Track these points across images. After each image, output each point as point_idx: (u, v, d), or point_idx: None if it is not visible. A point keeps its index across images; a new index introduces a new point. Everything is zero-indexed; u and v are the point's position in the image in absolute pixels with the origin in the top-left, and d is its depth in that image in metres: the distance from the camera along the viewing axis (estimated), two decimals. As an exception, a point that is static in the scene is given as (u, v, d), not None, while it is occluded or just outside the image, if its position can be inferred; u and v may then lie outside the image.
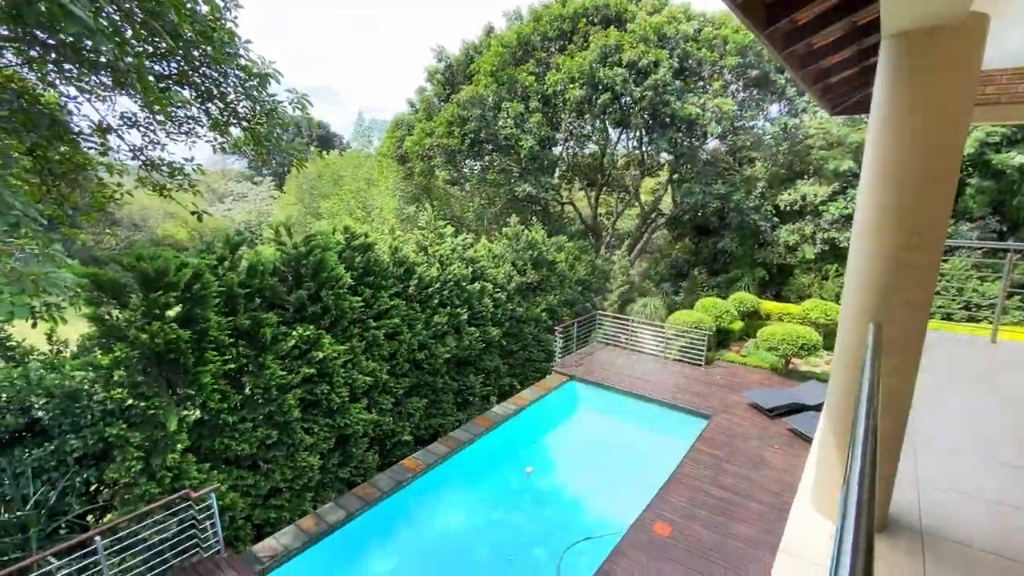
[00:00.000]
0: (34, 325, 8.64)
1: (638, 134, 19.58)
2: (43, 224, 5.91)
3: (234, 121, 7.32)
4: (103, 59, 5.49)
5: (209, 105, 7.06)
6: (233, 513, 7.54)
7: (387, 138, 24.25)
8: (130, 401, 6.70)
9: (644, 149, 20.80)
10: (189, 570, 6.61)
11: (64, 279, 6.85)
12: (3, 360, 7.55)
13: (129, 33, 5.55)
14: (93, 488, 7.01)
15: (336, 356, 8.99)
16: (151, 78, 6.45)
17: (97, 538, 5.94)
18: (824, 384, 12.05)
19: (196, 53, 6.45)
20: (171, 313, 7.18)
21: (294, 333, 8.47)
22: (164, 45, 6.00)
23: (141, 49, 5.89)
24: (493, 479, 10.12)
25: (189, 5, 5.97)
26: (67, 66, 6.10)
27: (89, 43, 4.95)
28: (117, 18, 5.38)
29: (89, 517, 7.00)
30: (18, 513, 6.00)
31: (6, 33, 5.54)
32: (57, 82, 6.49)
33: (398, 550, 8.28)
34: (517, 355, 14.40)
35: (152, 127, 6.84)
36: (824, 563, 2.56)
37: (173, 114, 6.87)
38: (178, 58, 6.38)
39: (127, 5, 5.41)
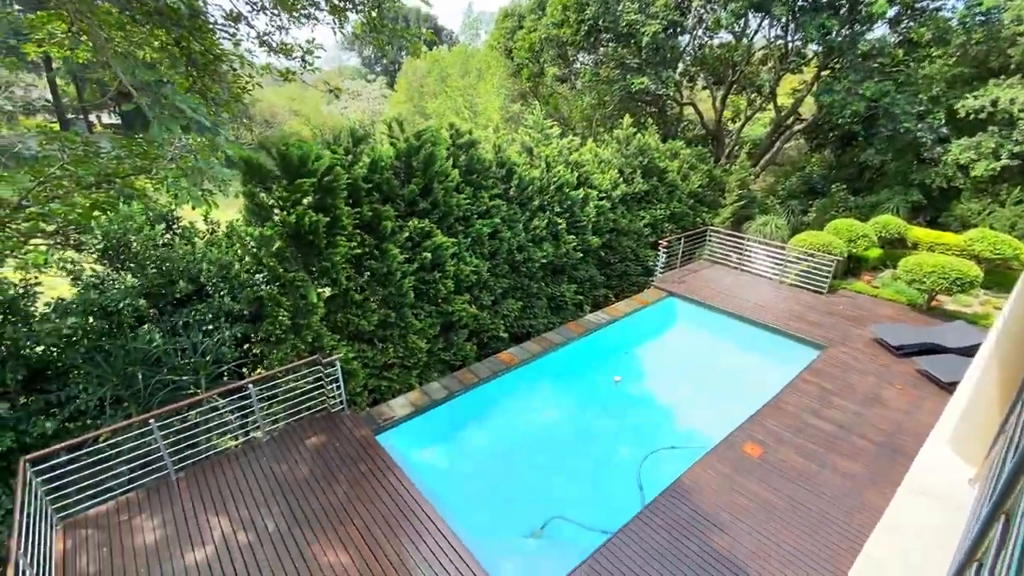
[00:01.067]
0: (193, 208, 10.01)
1: (784, 20, 16.52)
2: (207, 125, 6.60)
3: (350, 6, 7.28)
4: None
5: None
6: (354, 382, 8.66)
7: (496, 29, 23.00)
8: (280, 269, 7.69)
9: (789, 39, 17.66)
10: (320, 421, 7.85)
11: (224, 173, 7.78)
12: (177, 237, 8.90)
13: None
14: (246, 347, 8.40)
15: (447, 247, 9.45)
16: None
17: (250, 385, 7.20)
18: (974, 327, 10.47)
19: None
20: (306, 201, 7.89)
21: (409, 225, 8.99)
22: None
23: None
24: (581, 382, 10.47)
25: None
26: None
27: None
28: None
29: (244, 370, 8.46)
30: (192, 359, 7.39)
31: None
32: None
33: (490, 429, 9.11)
34: (614, 267, 14.07)
35: (278, 12, 7.03)
36: (956, 504, 2.31)
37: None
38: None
39: None
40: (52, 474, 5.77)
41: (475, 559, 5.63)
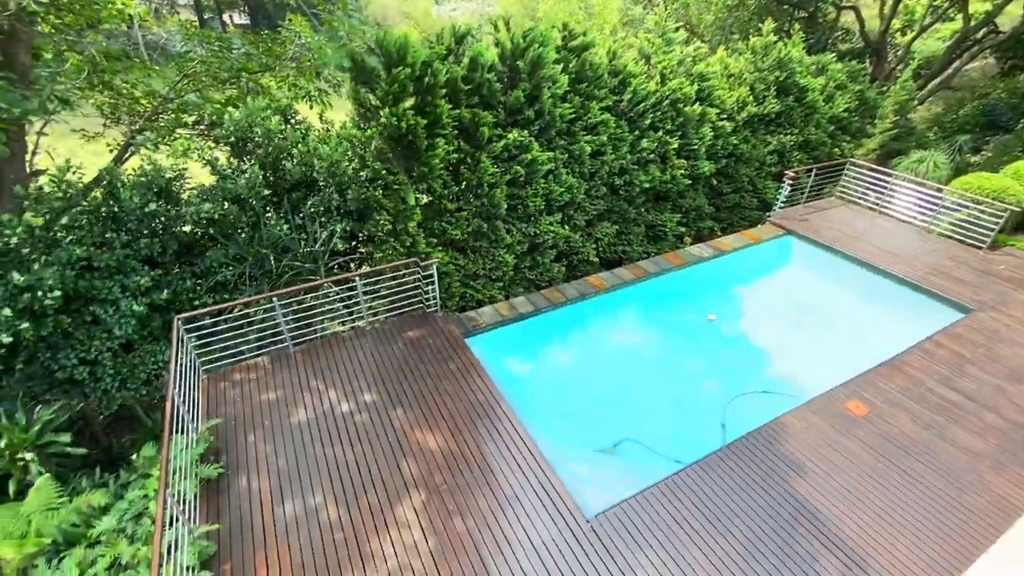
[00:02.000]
0: (311, 107, 10.47)
1: None
2: None
3: None
4: None
5: None
6: (448, 282, 9.05)
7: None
8: (381, 169, 7.95)
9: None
10: (415, 318, 8.39)
11: (368, 31, 8.02)
12: (294, 131, 9.43)
13: None
14: (353, 244, 9.00)
15: (542, 163, 9.10)
16: None
17: (357, 279, 7.79)
18: None
19: None
20: (408, 103, 7.87)
21: (508, 136, 8.70)
22: None
23: None
24: (673, 314, 10.09)
25: None
26: None
27: None
28: None
29: (352, 265, 9.15)
30: (312, 248, 8.09)
31: None
32: None
33: (572, 348, 9.22)
34: (726, 197, 12.84)
35: None
36: None
37: None
38: None
39: None
40: (198, 333, 6.81)
41: (546, 460, 5.93)
